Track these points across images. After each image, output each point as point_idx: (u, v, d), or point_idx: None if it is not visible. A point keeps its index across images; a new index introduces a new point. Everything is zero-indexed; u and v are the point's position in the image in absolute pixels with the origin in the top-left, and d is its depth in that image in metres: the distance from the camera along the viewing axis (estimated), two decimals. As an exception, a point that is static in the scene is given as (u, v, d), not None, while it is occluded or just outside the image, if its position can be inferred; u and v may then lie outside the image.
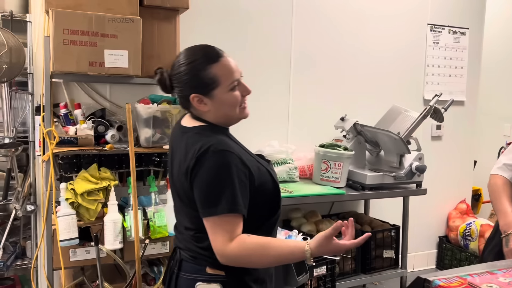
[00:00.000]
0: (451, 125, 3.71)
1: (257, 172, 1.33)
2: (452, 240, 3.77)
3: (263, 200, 1.34)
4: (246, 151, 1.38)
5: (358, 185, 2.84)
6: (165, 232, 2.30)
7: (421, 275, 1.15)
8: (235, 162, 1.26)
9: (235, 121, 1.40)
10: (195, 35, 2.77)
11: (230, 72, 1.33)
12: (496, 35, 4.44)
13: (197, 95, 1.32)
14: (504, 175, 1.75)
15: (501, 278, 1.14)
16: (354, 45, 3.35)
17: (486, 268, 1.24)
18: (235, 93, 1.34)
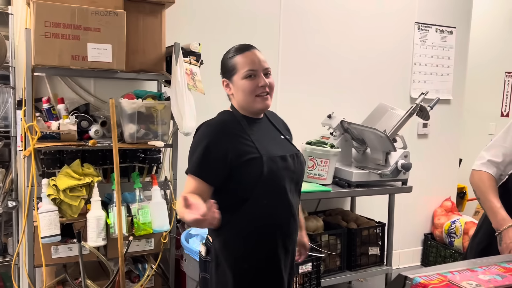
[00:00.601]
0: (437, 123, 3.73)
1: (241, 155, 1.47)
2: (437, 237, 3.80)
3: (244, 180, 1.48)
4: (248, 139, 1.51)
5: (345, 182, 2.84)
6: (149, 229, 2.28)
7: (402, 273, 1.15)
8: (210, 136, 1.48)
9: (253, 109, 1.55)
10: (182, 30, 2.75)
11: (248, 62, 1.51)
12: (483, 35, 4.48)
13: (224, 79, 1.59)
14: (489, 171, 1.74)
15: (481, 276, 1.14)
16: (342, 44, 3.35)
17: (467, 266, 1.24)
18: (248, 81, 1.51)
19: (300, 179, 1.63)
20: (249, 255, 1.53)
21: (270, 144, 1.57)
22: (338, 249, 2.92)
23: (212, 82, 2.82)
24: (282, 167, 1.52)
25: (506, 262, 1.30)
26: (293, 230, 1.60)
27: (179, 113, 2.26)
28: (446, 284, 1.09)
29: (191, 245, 2.25)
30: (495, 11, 4.50)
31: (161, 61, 2.38)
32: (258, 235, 1.53)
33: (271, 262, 1.55)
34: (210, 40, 2.87)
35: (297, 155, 1.61)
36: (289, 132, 1.74)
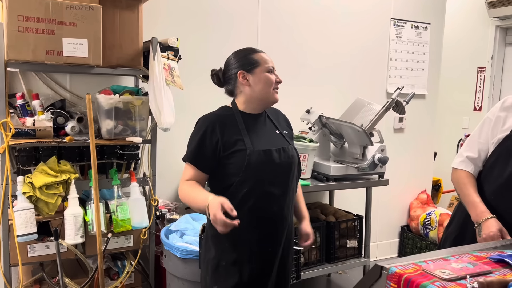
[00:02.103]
0: (413, 117, 3.81)
1: (229, 146, 1.64)
2: (413, 229, 3.89)
3: (229, 170, 1.65)
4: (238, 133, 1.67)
5: (323, 176, 2.88)
6: (128, 226, 2.27)
7: (379, 263, 1.18)
8: (205, 128, 1.66)
9: (269, 101, 1.74)
10: (159, 25, 2.73)
11: (269, 60, 1.74)
12: (456, 31, 4.59)
13: (242, 71, 1.71)
14: (467, 169, 1.79)
15: (454, 264, 1.18)
16: (320, 40, 3.38)
17: (441, 255, 1.28)
18: (271, 76, 1.72)
19: (289, 171, 1.74)
20: (230, 235, 1.60)
21: (260, 138, 1.70)
22: (317, 242, 2.96)
23: (190, 77, 2.82)
24: (264, 160, 1.65)
25: (477, 251, 1.35)
26: (275, 217, 1.70)
27: (157, 109, 2.24)
28: (420, 273, 1.12)
29: (171, 241, 2.25)
30: (468, 7, 4.61)
31: (139, 56, 2.36)
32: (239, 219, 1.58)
33: (251, 245, 1.68)
34: (188, 35, 2.86)
35: (284, 149, 1.73)
36: (289, 128, 1.89)
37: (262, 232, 1.68)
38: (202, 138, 1.66)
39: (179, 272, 2.22)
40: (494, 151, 1.70)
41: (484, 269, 1.16)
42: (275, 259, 1.74)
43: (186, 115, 2.52)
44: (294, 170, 1.76)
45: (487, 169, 1.74)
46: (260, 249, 1.69)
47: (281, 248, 1.75)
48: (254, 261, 1.69)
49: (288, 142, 1.77)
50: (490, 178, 1.71)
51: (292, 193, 1.77)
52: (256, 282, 1.71)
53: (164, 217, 2.58)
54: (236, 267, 1.67)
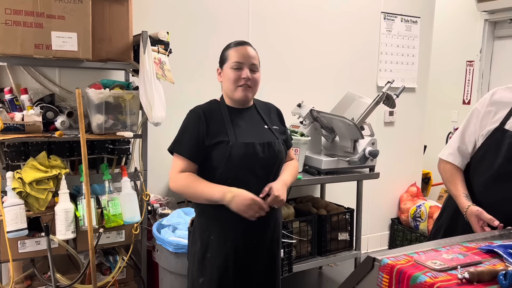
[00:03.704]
0: (403, 111, 3.84)
1: (212, 138, 1.67)
2: (403, 221, 3.94)
3: (212, 161, 1.68)
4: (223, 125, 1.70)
5: (314, 170, 2.89)
6: (120, 221, 2.26)
7: (371, 255, 1.19)
8: (192, 120, 1.71)
9: (234, 97, 1.73)
10: (149, 19, 2.71)
11: (238, 55, 1.69)
12: (445, 25, 4.62)
13: (218, 68, 1.78)
14: (455, 162, 1.81)
15: (445, 255, 1.20)
16: (311, 34, 3.39)
17: (432, 246, 1.30)
18: (234, 72, 1.69)
19: (273, 165, 1.74)
20: (215, 228, 1.69)
21: (245, 131, 1.71)
22: (308, 235, 2.98)
23: (181, 71, 2.81)
24: (247, 153, 1.66)
25: (467, 241, 1.37)
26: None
27: (148, 103, 2.23)
28: (412, 264, 1.14)
29: (163, 236, 2.24)
30: (457, 1, 4.64)
31: (129, 50, 2.33)
32: (221, 211, 1.66)
33: (235, 238, 1.69)
34: (179, 29, 2.84)
35: (269, 143, 1.73)
36: (282, 122, 1.88)
37: (246, 225, 1.69)
38: (189, 130, 1.70)
39: (172, 266, 2.22)
40: (484, 143, 1.72)
41: (474, 259, 1.18)
42: (261, 252, 1.76)
43: (177, 109, 2.50)
44: (279, 165, 1.77)
45: (476, 161, 1.76)
46: (245, 242, 1.71)
47: (267, 241, 1.76)
48: (239, 254, 1.71)
49: (276, 136, 1.77)
50: (480, 170, 1.73)
51: None
52: (242, 274, 1.72)
53: (156, 211, 2.58)
54: (222, 260, 1.69)
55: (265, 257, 1.77)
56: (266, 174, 1.72)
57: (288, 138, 1.89)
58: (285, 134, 1.87)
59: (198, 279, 1.73)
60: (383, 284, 1.14)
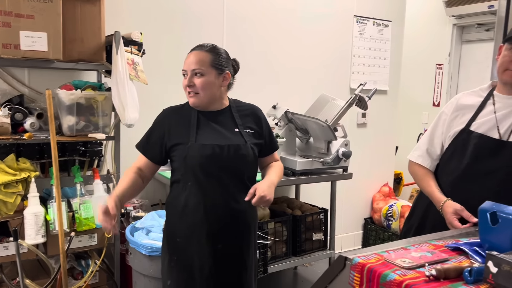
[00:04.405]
0: (375, 113, 3.92)
1: (173, 139, 1.69)
2: (376, 221, 4.01)
3: (174, 163, 1.73)
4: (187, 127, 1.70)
5: (289, 171, 2.92)
6: (92, 224, 2.22)
7: (342, 254, 1.22)
8: (158, 120, 1.77)
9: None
10: (123, 20, 2.67)
11: (184, 63, 1.71)
12: (416, 28, 4.74)
13: None
14: (424, 164, 1.85)
15: (414, 253, 1.23)
16: (285, 37, 3.41)
17: (401, 245, 1.33)
18: (183, 80, 1.71)
19: (237, 169, 1.70)
20: (181, 231, 1.71)
21: (211, 134, 1.69)
22: (284, 236, 3.00)
23: (155, 72, 2.78)
24: (205, 154, 1.65)
25: (435, 239, 1.41)
26: (224, 214, 1.70)
27: (120, 104, 2.20)
28: (382, 263, 1.16)
29: (136, 239, 2.22)
30: (427, 6, 4.77)
31: (101, 50, 2.30)
32: (185, 214, 1.69)
33: (200, 241, 1.69)
34: (153, 29, 2.81)
35: (234, 146, 1.68)
36: (259, 125, 1.80)
37: (210, 229, 1.68)
38: (153, 128, 1.76)
39: (145, 269, 2.19)
40: (451, 144, 1.77)
41: (441, 257, 1.21)
42: (230, 257, 1.74)
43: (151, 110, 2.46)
44: (244, 169, 1.72)
45: (444, 162, 1.81)
46: (209, 245, 1.69)
47: (236, 244, 1.75)
48: (204, 257, 1.69)
49: (244, 140, 1.72)
50: (447, 171, 1.78)
51: (246, 191, 1.70)
52: (210, 277, 1.70)
53: (130, 214, 2.55)
54: (187, 262, 1.69)
55: (233, 261, 1.76)
56: (232, 179, 1.69)
57: (270, 141, 1.86)
58: (262, 137, 1.81)
59: (167, 281, 1.73)
60: (354, 283, 1.16)
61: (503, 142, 1.64)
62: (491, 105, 1.71)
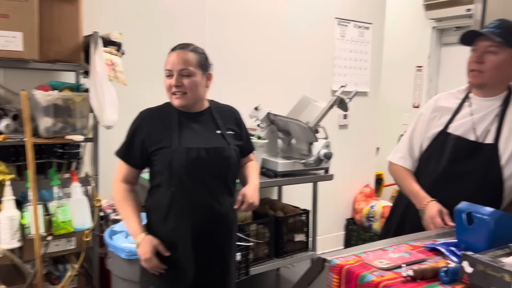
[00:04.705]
0: (356, 114, 3.95)
1: (155, 143, 1.64)
2: (358, 221, 4.04)
3: (156, 167, 1.67)
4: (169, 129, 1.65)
5: (271, 172, 2.92)
6: (69, 228, 2.18)
7: (321, 255, 1.22)
8: (137, 123, 1.70)
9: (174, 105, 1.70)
10: (102, 20, 2.64)
11: (168, 62, 1.67)
12: (396, 31, 4.79)
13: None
14: (405, 165, 1.86)
15: (391, 254, 1.24)
16: (267, 39, 3.42)
17: (380, 246, 1.34)
18: (166, 80, 1.67)
19: (219, 171, 1.69)
20: (163, 236, 1.67)
21: (193, 137, 1.66)
22: (266, 238, 2.99)
23: (135, 73, 2.75)
24: (189, 158, 1.62)
25: (413, 240, 1.42)
26: (208, 219, 1.68)
27: (99, 106, 2.17)
28: (360, 264, 1.17)
29: (115, 242, 2.18)
30: (407, 9, 4.83)
31: (79, 50, 2.26)
32: (169, 219, 1.66)
33: (184, 246, 1.67)
34: (133, 30, 2.78)
35: (217, 149, 1.67)
36: (239, 127, 1.81)
37: (195, 233, 1.67)
38: (132, 133, 1.69)
39: (125, 273, 2.16)
40: (429, 146, 1.79)
41: (418, 257, 1.22)
42: (214, 260, 1.73)
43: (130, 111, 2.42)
44: (228, 171, 1.72)
45: (423, 164, 1.83)
46: (193, 250, 1.67)
47: (219, 248, 1.74)
48: (188, 262, 1.67)
49: (227, 142, 1.71)
50: (425, 172, 1.80)
51: (230, 193, 1.74)
52: (194, 282, 1.69)
53: (109, 217, 2.51)
54: (171, 267, 1.66)
55: (217, 264, 1.75)
56: (214, 181, 1.68)
57: (248, 143, 1.86)
58: (242, 139, 1.82)
59: (148, 287, 1.70)
60: (333, 285, 1.16)
61: (479, 144, 1.67)
62: (467, 107, 1.73)
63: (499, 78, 1.63)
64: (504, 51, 1.58)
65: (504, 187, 1.64)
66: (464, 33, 1.66)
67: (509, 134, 1.62)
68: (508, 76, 1.64)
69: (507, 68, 1.61)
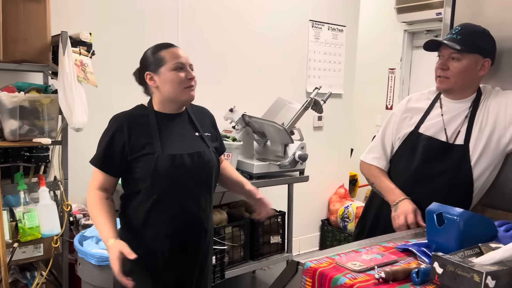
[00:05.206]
0: (331, 116, 3.98)
1: (136, 149, 1.57)
2: (333, 222, 4.07)
3: (137, 175, 1.59)
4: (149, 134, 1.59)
5: (247, 174, 2.90)
6: (37, 234, 2.11)
7: (295, 258, 1.21)
8: (114, 129, 1.58)
9: (181, 101, 1.64)
10: (71, 19, 2.57)
11: (175, 56, 1.60)
12: (369, 34, 4.87)
13: (149, 73, 1.62)
14: (378, 165, 1.87)
15: (364, 256, 1.24)
16: (242, 41, 3.41)
17: (353, 247, 1.34)
18: (177, 73, 1.59)
19: (202, 176, 1.66)
20: (141, 244, 1.59)
21: (174, 141, 1.61)
22: (241, 240, 2.98)
23: (106, 74, 2.68)
24: (174, 165, 1.58)
25: (385, 241, 1.43)
26: (188, 225, 1.65)
27: (68, 107, 2.10)
28: (333, 267, 1.16)
29: (85, 248, 2.12)
30: (380, 12, 4.91)
31: (47, 50, 2.19)
32: (149, 227, 1.61)
33: (163, 253, 1.63)
34: (103, 30, 2.72)
35: (200, 153, 1.64)
36: (214, 129, 1.80)
37: (174, 240, 1.63)
38: (109, 140, 1.58)
39: (95, 280, 2.11)
40: (400, 146, 1.81)
41: (391, 258, 1.23)
42: (193, 267, 1.70)
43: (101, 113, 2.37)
44: (211, 175, 1.69)
45: (395, 164, 1.85)
46: (173, 257, 1.64)
47: (198, 255, 1.72)
48: (168, 269, 1.64)
49: (207, 145, 1.69)
50: (397, 173, 1.82)
51: (210, 197, 1.72)
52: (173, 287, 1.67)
53: (79, 222, 2.44)
54: (149, 275, 1.62)
55: (196, 269, 1.72)
56: (197, 187, 1.65)
57: (221, 144, 1.84)
58: (218, 140, 1.80)
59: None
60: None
61: (450, 145, 1.69)
62: (438, 108, 1.76)
63: (465, 82, 1.67)
64: (467, 57, 1.62)
65: (474, 187, 1.67)
66: (426, 42, 1.70)
67: (478, 136, 1.65)
68: (473, 79, 1.68)
69: (472, 73, 1.65)
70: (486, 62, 1.64)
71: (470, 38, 1.62)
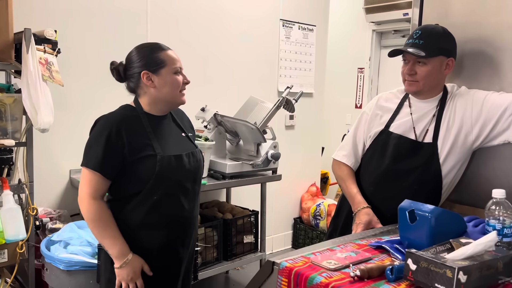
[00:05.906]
0: (302, 115, 4.00)
1: (136, 151, 1.54)
2: (305, 220, 4.10)
3: (137, 177, 1.55)
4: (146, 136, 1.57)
5: (219, 174, 2.88)
6: (1, 239, 2.02)
7: (270, 259, 1.20)
8: (109, 130, 1.52)
9: (175, 103, 1.67)
10: (35, 16, 2.48)
11: (174, 60, 1.63)
12: (339, 34, 4.93)
13: (147, 72, 1.58)
14: (348, 163, 1.90)
15: (339, 254, 1.25)
16: (211, 39, 3.37)
17: (327, 246, 1.35)
18: (178, 77, 1.63)
19: (197, 175, 1.71)
20: (135, 247, 1.57)
21: (169, 142, 1.63)
22: (214, 241, 2.95)
23: (73, 73, 2.60)
24: (175, 166, 1.59)
25: (359, 239, 1.45)
26: (184, 223, 1.67)
27: (32, 108, 2.02)
28: (309, 266, 1.17)
29: (53, 253, 2.05)
30: (349, 12, 4.98)
31: (9, 48, 2.09)
32: (146, 228, 1.59)
33: (157, 253, 1.61)
34: (69, 27, 2.64)
35: (193, 153, 1.69)
36: (192, 129, 1.83)
37: (169, 238, 1.63)
38: (107, 142, 1.51)
39: (63, 285, 2.04)
40: (371, 144, 1.84)
41: (365, 256, 1.24)
42: (182, 265, 1.71)
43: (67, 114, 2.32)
44: (201, 174, 1.75)
45: (366, 162, 1.88)
46: (166, 255, 1.64)
47: (188, 252, 1.72)
48: (159, 268, 1.63)
49: (195, 145, 1.74)
50: (369, 171, 1.85)
51: (199, 195, 1.75)
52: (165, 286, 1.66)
53: (46, 226, 2.35)
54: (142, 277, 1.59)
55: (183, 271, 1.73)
56: (192, 186, 1.68)
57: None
58: (194, 139, 1.85)
59: None
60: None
61: (419, 143, 1.73)
62: (407, 107, 1.80)
63: (433, 83, 1.72)
64: (432, 60, 1.66)
65: (443, 183, 1.71)
66: (391, 51, 1.74)
67: (446, 134, 1.69)
68: (440, 79, 1.73)
69: (438, 73, 1.70)
70: (450, 61, 1.69)
71: (432, 41, 1.66)
